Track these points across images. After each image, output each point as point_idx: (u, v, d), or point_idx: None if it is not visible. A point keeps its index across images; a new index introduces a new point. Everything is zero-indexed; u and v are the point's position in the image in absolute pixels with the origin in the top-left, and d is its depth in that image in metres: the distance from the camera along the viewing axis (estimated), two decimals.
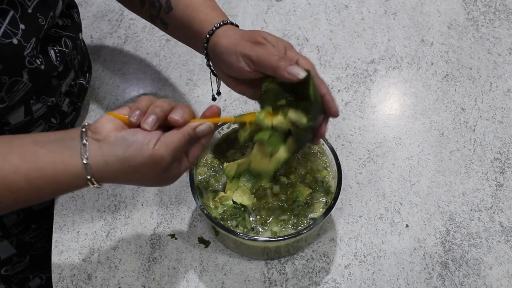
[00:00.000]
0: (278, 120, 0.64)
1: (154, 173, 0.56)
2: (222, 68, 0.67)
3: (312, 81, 0.60)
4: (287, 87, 0.64)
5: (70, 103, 0.83)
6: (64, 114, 0.82)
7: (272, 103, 0.66)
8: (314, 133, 0.65)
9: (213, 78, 0.73)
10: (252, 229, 0.71)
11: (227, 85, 0.70)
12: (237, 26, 0.69)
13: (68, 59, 0.79)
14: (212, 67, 0.72)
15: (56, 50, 0.74)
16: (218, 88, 0.75)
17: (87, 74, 0.90)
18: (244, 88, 0.69)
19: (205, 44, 0.68)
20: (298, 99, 0.64)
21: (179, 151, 0.57)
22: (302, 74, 0.59)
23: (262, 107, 0.67)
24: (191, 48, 0.72)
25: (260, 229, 0.71)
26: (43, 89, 0.74)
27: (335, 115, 0.64)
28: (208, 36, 0.67)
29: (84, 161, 0.54)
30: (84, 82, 0.87)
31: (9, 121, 0.71)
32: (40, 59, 0.70)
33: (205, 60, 0.71)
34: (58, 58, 0.74)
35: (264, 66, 0.62)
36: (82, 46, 0.87)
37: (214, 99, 0.76)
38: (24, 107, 0.72)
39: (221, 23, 0.67)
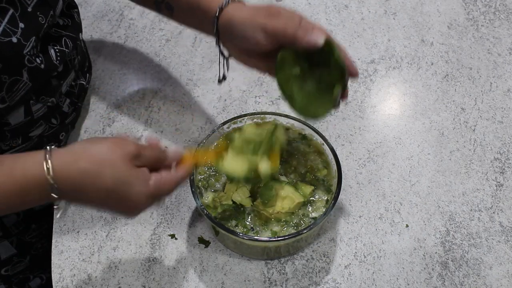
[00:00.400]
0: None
1: (117, 170, 0.56)
2: (236, 42, 0.67)
3: (335, 45, 0.61)
4: (302, 56, 0.64)
5: (71, 103, 0.83)
6: (64, 115, 0.82)
7: (287, 72, 0.66)
8: (342, 95, 0.66)
9: (221, 60, 0.73)
10: (252, 229, 0.71)
11: (239, 60, 0.70)
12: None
13: (68, 59, 0.79)
14: (221, 47, 0.71)
15: (57, 50, 0.74)
16: (227, 70, 0.74)
17: (87, 75, 0.90)
18: (257, 62, 0.69)
19: (216, 22, 0.68)
20: (313, 66, 0.65)
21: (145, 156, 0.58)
22: (321, 40, 0.60)
23: (276, 76, 0.67)
24: (191, 48, 0.71)
25: (260, 229, 0.71)
26: (42, 89, 0.74)
27: (356, 74, 0.65)
28: (217, 14, 0.67)
29: (47, 156, 0.55)
30: (84, 83, 0.87)
31: (9, 121, 0.71)
32: (40, 58, 0.70)
33: (205, 60, 0.71)
34: (58, 58, 0.74)
35: (281, 37, 0.62)
36: (82, 47, 0.87)
37: (220, 81, 0.76)
38: (24, 107, 0.72)
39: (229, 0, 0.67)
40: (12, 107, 0.70)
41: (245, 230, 0.70)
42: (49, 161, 0.54)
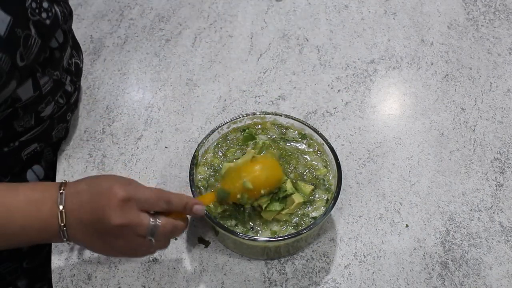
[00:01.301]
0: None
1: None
2: None
3: None
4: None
5: (71, 82, 0.85)
6: (68, 94, 0.84)
7: None
8: None
9: None
10: (252, 228, 0.71)
11: None
12: None
13: (67, 30, 0.80)
14: None
15: (60, 9, 0.76)
16: None
17: (80, 54, 0.91)
18: None
19: None
20: None
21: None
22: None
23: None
24: (191, 48, 0.71)
25: (260, 229, 0.71)
26: (47, 61, 0.76)
27: None
28: None
29: (61, 191, 0.60)
30: (78, 61, 0.89)
31: (19, 96, 0.72)
32: (46, 14, 0.71)
33: (205, 60, 0.71)
34: (62, 17, 0.76)
35: None
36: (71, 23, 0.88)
37: None
38: (32, 81, 0.73)
39: None
40: (26, 72, 0.70)
41: (245, 230, 0.70)
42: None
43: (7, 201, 0.59)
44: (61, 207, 0.59)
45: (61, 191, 0.60)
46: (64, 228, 0.59)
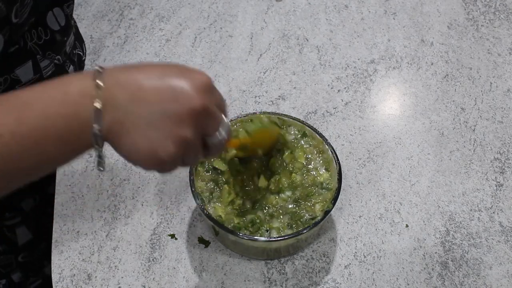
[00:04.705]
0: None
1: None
2: None
3: None
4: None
5: (74, 71, 0.84)
6: None
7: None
8: None
9: None
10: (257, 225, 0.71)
11: None
12: None
13: (69, 14, 0.79)
14: None
15: None
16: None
17: (83, 46, 0.90)
18: None
19: None
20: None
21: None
22: None
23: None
24: (191, 48, 0.70)
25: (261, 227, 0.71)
26: (48, 44, 0.75)
27: None
28: None
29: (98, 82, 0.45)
30: (81, 53, 0.88)
31: (19, 77, 0.71)
32: None
33: (205, 60, 0.71)
34: None
35: None
36: (74, 19, 0.87)
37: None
38: (32, 63, 0.72)
39: None
40: (20, 54, 0.68)
41: (248, 232, 0.70)
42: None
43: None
44: (99, 81, 0.45)
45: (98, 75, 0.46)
46: (98, 106, 0.45)
